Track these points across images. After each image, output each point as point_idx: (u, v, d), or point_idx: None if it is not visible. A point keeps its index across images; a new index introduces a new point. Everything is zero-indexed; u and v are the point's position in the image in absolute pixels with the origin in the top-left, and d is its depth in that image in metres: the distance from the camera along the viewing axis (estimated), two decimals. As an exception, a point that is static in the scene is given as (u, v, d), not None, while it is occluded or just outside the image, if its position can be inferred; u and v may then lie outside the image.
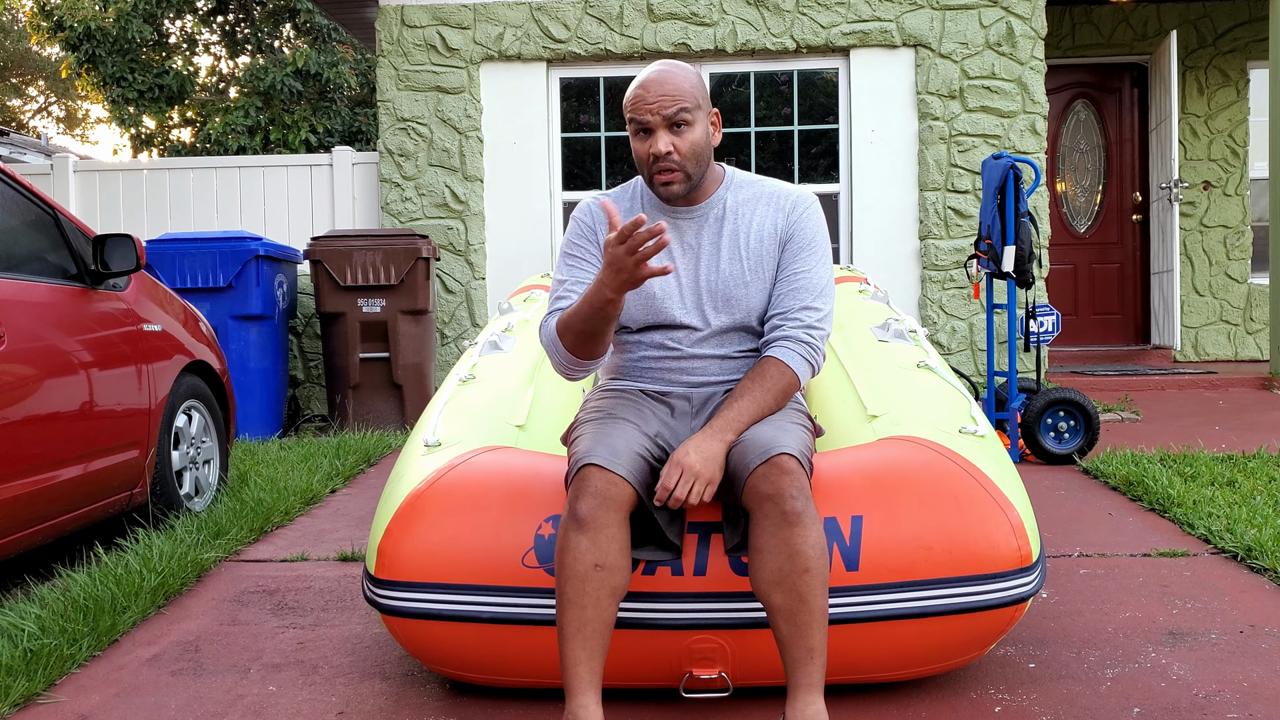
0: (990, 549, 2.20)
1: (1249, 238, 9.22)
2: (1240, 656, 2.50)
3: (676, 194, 2.27)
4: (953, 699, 2.30)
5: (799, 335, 2.27)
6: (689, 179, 2.27)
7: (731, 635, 2.18)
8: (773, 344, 2.29)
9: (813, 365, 2.29)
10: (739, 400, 2.19)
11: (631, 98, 2.26)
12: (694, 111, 2.24)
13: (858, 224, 7.45)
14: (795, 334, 2.28)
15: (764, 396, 2.21)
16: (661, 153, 2.22)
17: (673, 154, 2.23)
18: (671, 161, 2.23)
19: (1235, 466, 4.58)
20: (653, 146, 2.23)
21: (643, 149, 2.26)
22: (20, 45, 23.85)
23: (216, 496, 4.27)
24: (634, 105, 2.24)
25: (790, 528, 1.97)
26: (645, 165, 2.27)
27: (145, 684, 2.49)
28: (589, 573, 1.99)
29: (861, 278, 4.16)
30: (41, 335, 3.15)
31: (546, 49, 7.45)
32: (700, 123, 2.26)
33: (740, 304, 2.33)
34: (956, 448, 2.39)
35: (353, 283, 6.41)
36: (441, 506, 2.27)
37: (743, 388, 2.22)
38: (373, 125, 13.54)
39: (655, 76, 2.24)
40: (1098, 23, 9.13)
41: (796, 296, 2.31)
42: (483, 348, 3.32)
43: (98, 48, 12.86)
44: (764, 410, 2.20)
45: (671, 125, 2.23)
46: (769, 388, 2.22)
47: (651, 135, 2.24)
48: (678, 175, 2.25)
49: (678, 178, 2.26)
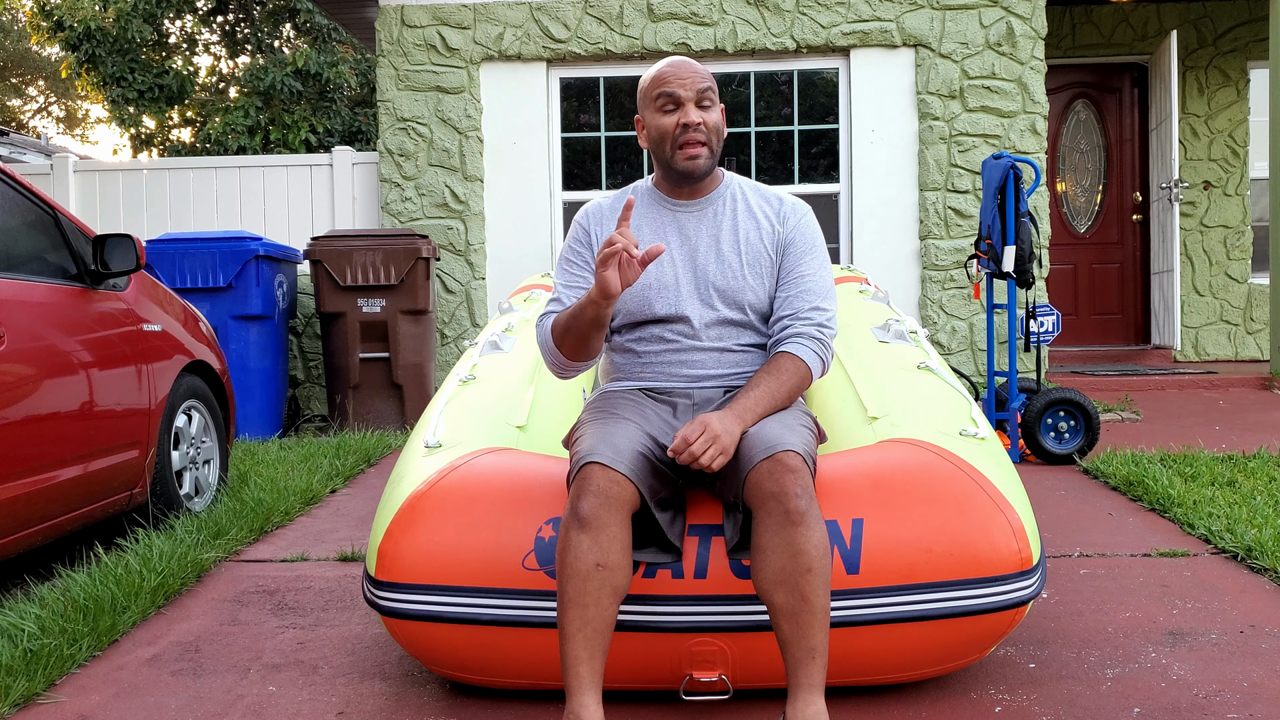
0: (991, 552, 2.20)
1: (1249, 238, 9.22)
2: (1240, 656, 2.50)
3: (701, 168, 2.35)
4: (953, 699, 2.30)
5: (811, 333, 2.33)
6: (712, 155, 2.36)
7: (732, 638, 2.18)
8: (785, 340, 2.33)
9: (824, 362, 2.34)
10: (754, 389, 2.23)
11: (657, 75, 2.35)
12: (715, 96, 2.36)
13: (858, 224, 7.45)
14: (808, 331, 2.33)
15: (778, 389, 2.25)
16: (694, 121, 2.31)
17: (703, 125, 2.31)
18: (700, 133, 2.32)
19: (1235, 466, 4.58)
20: (684, 116, 2.31)
21: (669, 121, 2.33)
22: (20, 45, 23.84)
23: (216, 496, 4.27)
24: (662, 81, 2.33)
25: (794, 527, 1.98)
26: (669, 139, 2.34)
27: (145, 684, 2.49)
28: (590, 572, 1.99)
29: (862, 278, 4.15)
30: (41, 335, 3.15)
31: (546, 49, 7.45)
32: (718, 109, 2.37)
33: (735, 296, 2.37)
34: (957, 450, 2.39)
35: (353, 283, 6.41)
36: (442, 508, 2.27)
37: (757, 379, 2.26)
38: (373, 125, 13.53)
39: (680, 60, 2.36)
40: (1098, 23, 9.13)
41: (805, 298, 2.36)
42: (483, 348, 3.32)
43: (98, 48, 12.86)
44: (778, 402, 2.24)
45: (699, 102, 2.32)
46: (784, 380, 2.26)
47: (681, 108, 2.32)
48: (703, 150, 2.34)
49: (703, 151, 2.34)
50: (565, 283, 2.41)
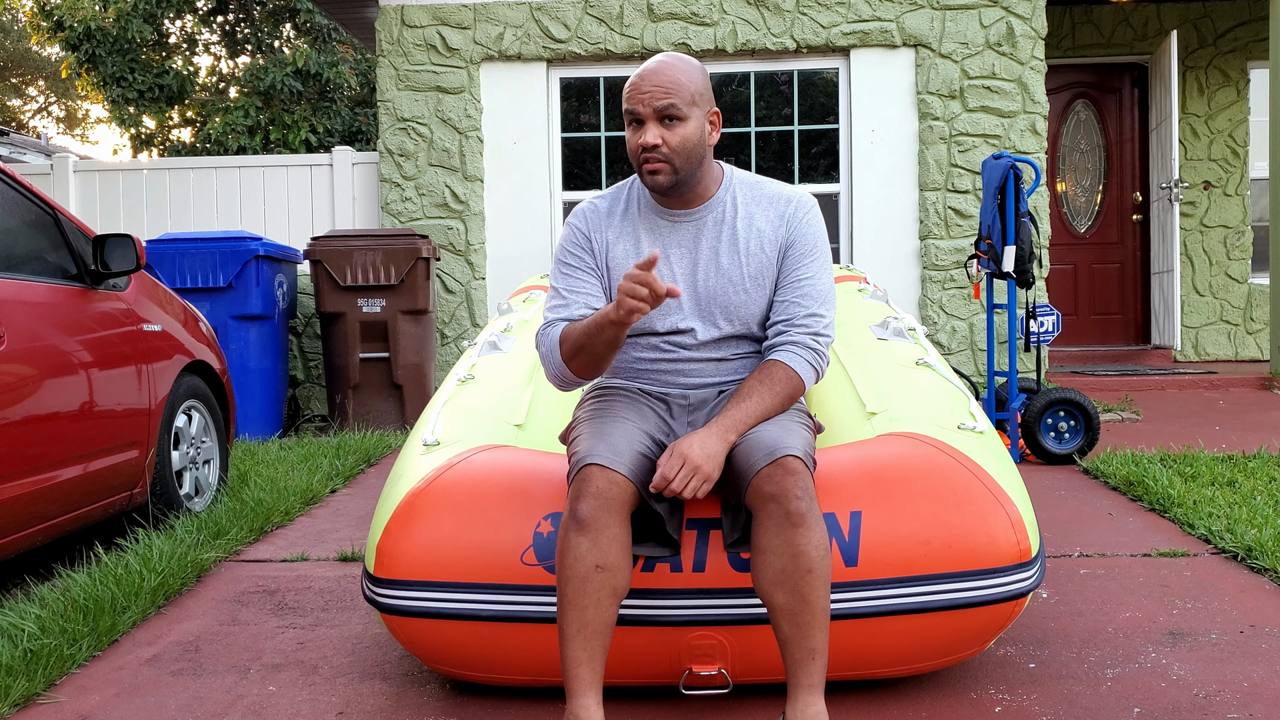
0: (989, 544, 2.20)
1: (1249, 238, 9.22)
2: (1240, 656, 2.50)
3: (662, 185, 2.24)
4: (953, 698, 2.30)
5: (806, 341, 2.26)
6: (676, 173, 2.23)
7: (731, 631, 2.18)
8: (778, 348, 2.27)
9: (818, 372, 2.28)
10: (745, 401, 2.17)
11: (628, 86, 2.24)
12: (687, 107, 2.20)
13: (858, 224, 7.45)
14: (802, 339, 2.26)
15: (770, 400, 2.20)
16: (649, 144, 2.19)
17: (660, 147, 2.19)
18: (659, 154, 2.20)
19: (1235, 466, 4.58)
20: (642, 138, 2.20)
21: (634, 140, 2.23)
22: (20, 45, 23.85)
23: (216, 496, 4.27)
24: (628, 94, 2.23)
25: (794, 529, 1.98)
26: (635, 156, 2.25)
27: (145, 684, 2.49)
28: (590, 574, 1.99)
29: (861, 277, 4.15)
30: (41, 335, 3.15)
31: (546, 49, 7.45)
32: (694, 119, 2.22)
33: (738, 311, 2.31)
34: (955, 443, 2.39)
35: (353, 283, 6.41)
36: (440, 505, 2.27)
37: (748, 388, 2.20)
38: (373, 125, 13.54)
39: (653, 67, 2.23)
40: (1098, 23, 9.13)
41: (801, 304, 2.29)
42: (482, 348, 3.32)
43: (98, 48, 12.86)
44: (769, 413, 2.19)
45: (662, 118, 2.19)
46: (776, 391, 2.21)
47: (642, 126, 2.21)
48: (664, 168, 2.21)
49: (664, 169, 2.21)
50: (567, 287, 2.33)
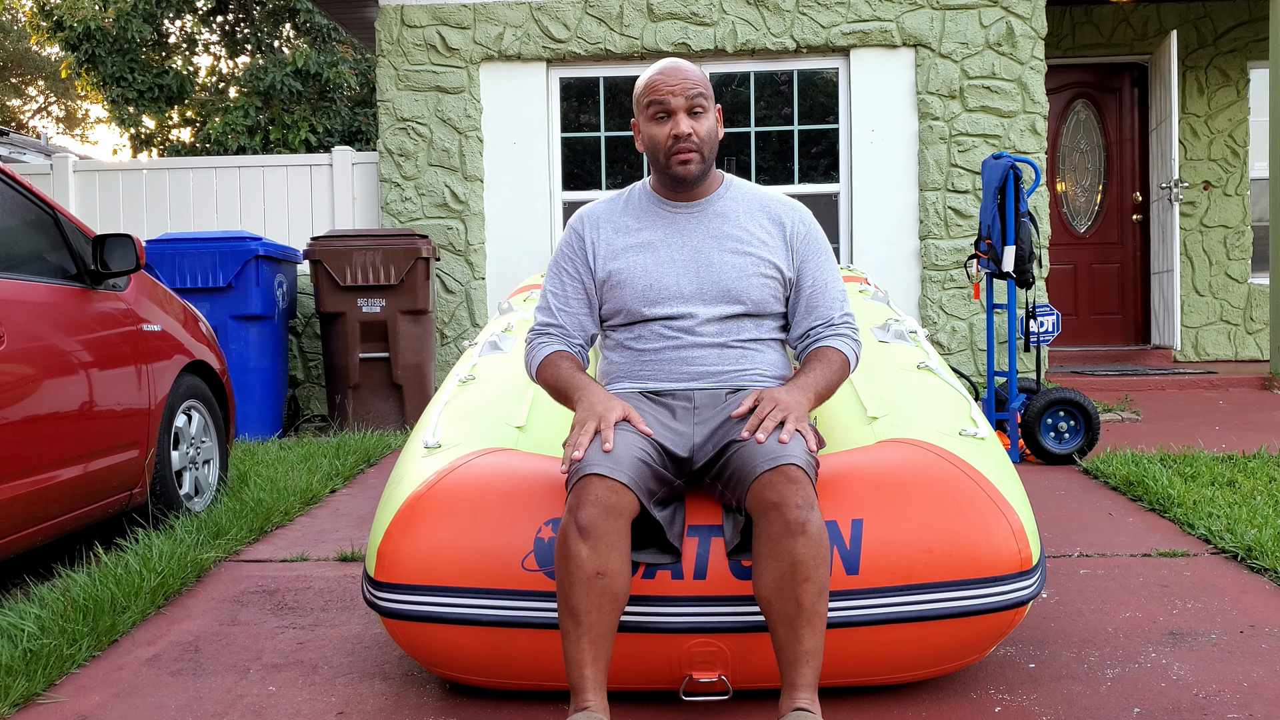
0: (990, 552, 2.20)
1: (1249, 238, 9.22)
2: (1240, 656, 2.50)
3: (694, 174, 2.37)
4: (953, 699, 2.30)
5: (848, 335, 2.45)
6: (704, 162, 2.37)
7: (731, 639, 2.18)
8: (825, 339, 2.42)
9: (858, 357, 2.46)
10: (811, 371, 2.33)
11: (649, 83, 2.36)
12: (708, 101, 2.36)
13: (858, 224, 7.45)
14: (846, 333, 2.45)
15: (830, 374, 2.35)
16: (684, 133, 2.32)
17: (693, 135, 2.33)
18: (691, 143, 2.33)
19: (1235, 466, 4.58)
20: (675, 128, 2.33)
21: (661, 131, 2.35)
22: (20, 45, 23.83)
23: (216, 496, 4.27)
24: (653, 89, 2.34)
25: (793, 537, 1.99)
26: (662, 149, 2.36)
27: (145, 684, 2.49)
28: (591, 580, 2.00)
29: (862, 278, 4.16)
30: (41, 335, 3.15)
31: (546, 49, 7.45)
32: (711, 113, 2.38)
33: (736, 293, 2.39)
34: (957, 450, 2.39)
35: (353, 283, 6.41)
36: (441, 509, 2.27)
37: (810, 364, 2.37)
38: (373, 125, 13.53)
39: (671, 66, 2.36)
40: (1098, 23, 9.13)
41: (833, 306, 2.45)
42: (482, 348, 3.32)
43: (97, 48, 12.85)
44: (831, 385, 2.35)
45: (690, 110, 2.33)
46: (834, 367, 2.37)
47: (672, 117, 2.34)
48: (695, 156, 2.35)
49: (695, 159, 2.35)
50: (555, 290, 2.48)
